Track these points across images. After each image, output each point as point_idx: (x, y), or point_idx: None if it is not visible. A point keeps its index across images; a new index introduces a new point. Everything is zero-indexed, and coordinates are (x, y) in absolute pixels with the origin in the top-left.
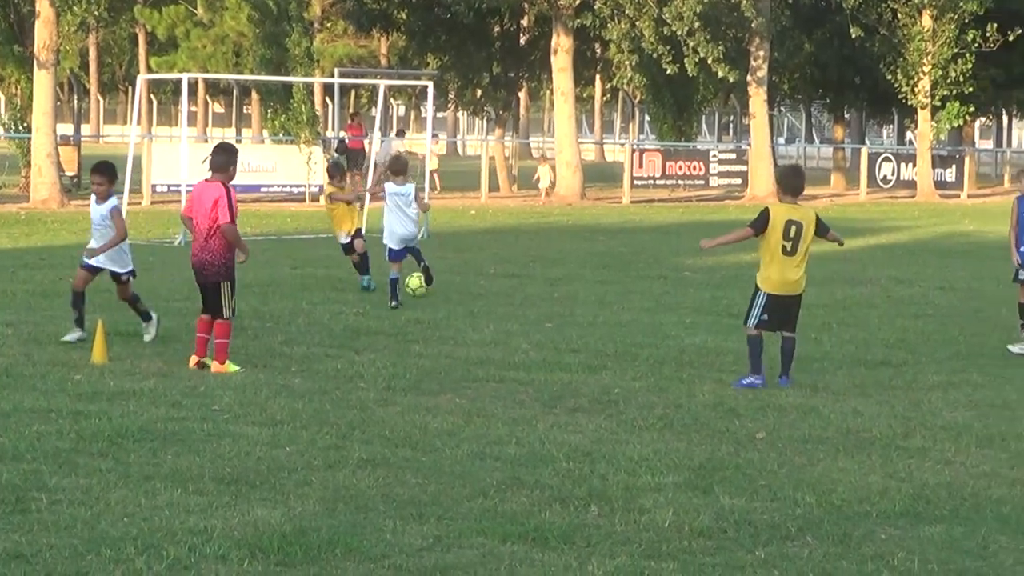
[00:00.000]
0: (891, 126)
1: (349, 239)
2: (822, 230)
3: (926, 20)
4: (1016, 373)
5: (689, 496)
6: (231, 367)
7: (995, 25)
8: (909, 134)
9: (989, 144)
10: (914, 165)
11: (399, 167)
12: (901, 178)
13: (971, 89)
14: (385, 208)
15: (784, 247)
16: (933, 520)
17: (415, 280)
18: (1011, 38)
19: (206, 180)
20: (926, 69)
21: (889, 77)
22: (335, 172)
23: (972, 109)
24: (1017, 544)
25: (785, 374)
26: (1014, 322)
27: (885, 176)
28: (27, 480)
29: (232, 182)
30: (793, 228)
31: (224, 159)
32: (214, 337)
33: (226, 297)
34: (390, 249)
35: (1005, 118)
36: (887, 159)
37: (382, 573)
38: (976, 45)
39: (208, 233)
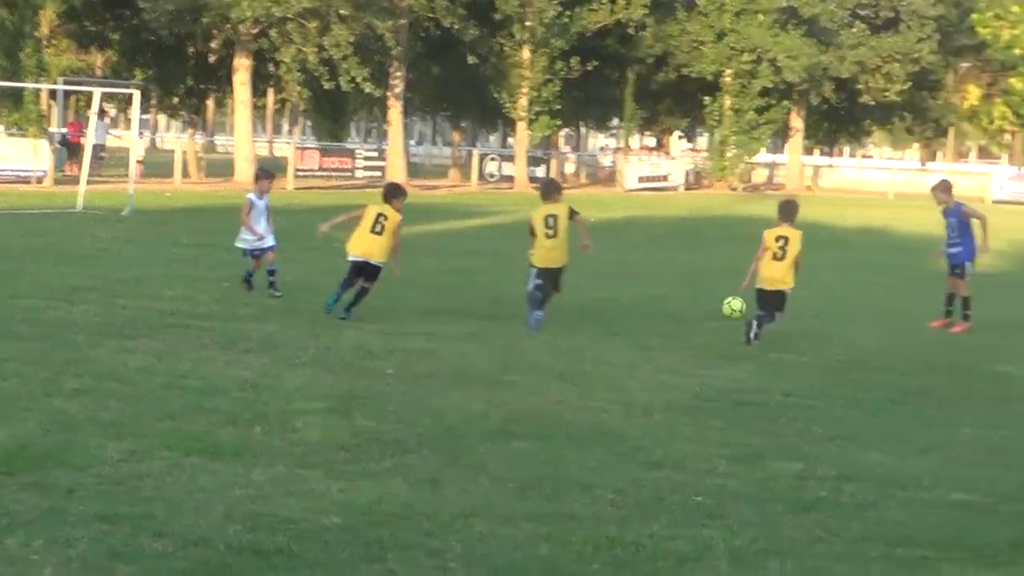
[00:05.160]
0: (497, 133)
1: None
2: (572, 215)
3: (525, 53)
4: (586, 323)
5: (333, 419)
6: None
7: (578, 58)
8: (510, 139)
9: (569, 149)
10: (513, 164)
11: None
12: (504, 174)
13: (558, 107)
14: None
15: (547, 233)
16: (521, 437)
17: None
18: (589, 68)
19: None
20: (524, 90)
21: (496, 96)
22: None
23: (559, 122)
24: (581, 456)
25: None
26: (583, 283)
27: (491, 172)
28: None
29: None
30: (551, 219)
31: None
32: None
33: None
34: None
35: (583, 129)
36: (493, 159)
37: (87, 480)
38: (563, 73)
39: None
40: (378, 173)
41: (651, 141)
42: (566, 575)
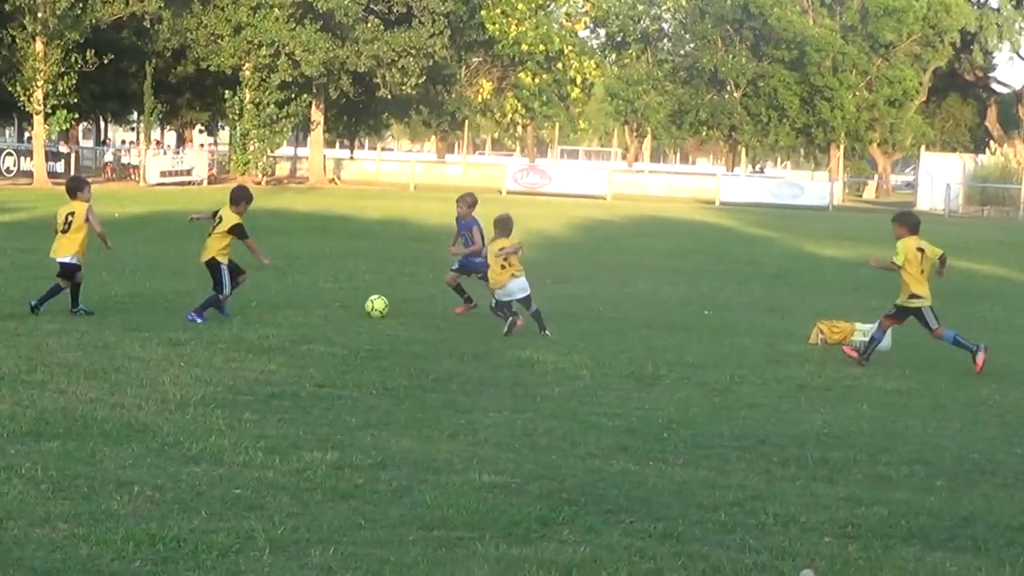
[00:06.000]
0: (13, 127)
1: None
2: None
3: (39, 45)
4: (113, 319)
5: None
6: None
7: (93, 51)
8: (28, 134)
9: (91, 142)
10: (32, 159)
11: None
12: (22, 169)
13: (76, 100)
14: None
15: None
16: (52, 437)
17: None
18: (105, 61)
19: None
20: (39, 83)
21: (10, 89)
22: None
23: (77, 115)
24: (116, 453)
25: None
26: (106, 279)
27: (8, 167)
28: None
29: None
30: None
31: None
32: None
33: None
34: None
35: (103, 122)
36: (10, 154)
37: None
38: (79, 66)
39: None
40: None
41: (172, 136)
42: (108, 574)
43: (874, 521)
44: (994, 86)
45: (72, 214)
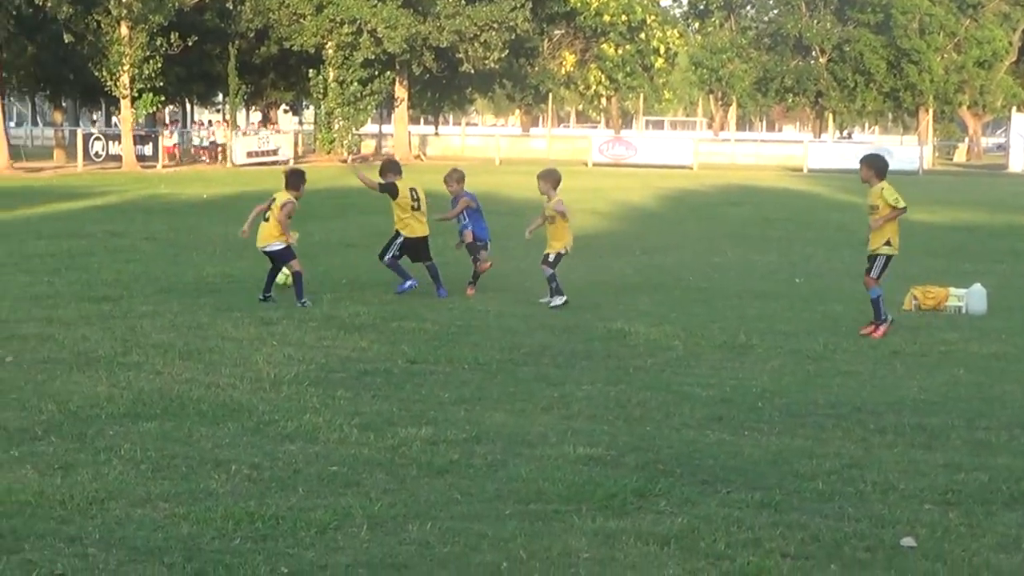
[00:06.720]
0: (100, 111)
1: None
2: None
3: (123, 30)
4: (205, 300)
5: None
6: None
7: (177, 34)
8: (115, 118)
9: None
10: (120, 142)
11: None
12: (110, 153)
13: (161, 83)
14: None
15: (412, 206)
16: (149, 418)
17: None
18: (190, 44)
19: None
20: (125, 68)
21: (97, 74)
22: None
23: (163, 98)
24: (213, 433)
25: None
26: (195, 259)
27: (97, 152)
28: None
29: None
30: (413, 193)
31: None
32: None
33: None
34: None
35: (188, 105)
36: (98, 138)
37: None
38: (164, 49)
39: None
40: None
41: (257, 115)
42: (208, 552)
43: (974, 487)
44: None
45: (274, 201)
